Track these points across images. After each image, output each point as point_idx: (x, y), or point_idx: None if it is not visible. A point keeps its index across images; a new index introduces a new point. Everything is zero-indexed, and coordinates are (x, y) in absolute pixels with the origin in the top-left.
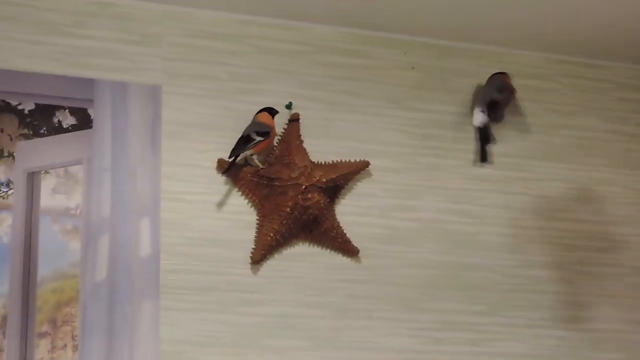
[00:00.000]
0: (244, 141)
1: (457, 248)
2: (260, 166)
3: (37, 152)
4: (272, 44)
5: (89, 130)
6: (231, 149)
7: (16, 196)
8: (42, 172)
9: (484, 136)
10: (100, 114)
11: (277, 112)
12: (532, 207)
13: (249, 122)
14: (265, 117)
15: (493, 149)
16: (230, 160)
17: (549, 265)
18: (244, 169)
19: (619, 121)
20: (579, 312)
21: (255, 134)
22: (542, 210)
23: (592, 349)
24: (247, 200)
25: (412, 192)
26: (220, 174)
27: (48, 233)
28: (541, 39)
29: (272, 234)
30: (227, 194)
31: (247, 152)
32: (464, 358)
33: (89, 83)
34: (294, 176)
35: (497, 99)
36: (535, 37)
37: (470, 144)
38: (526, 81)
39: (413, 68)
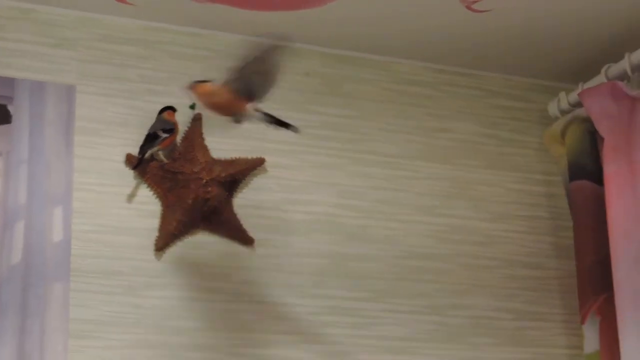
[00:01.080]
0: (151, 138)
1: (345, 240)
2: (165, 161)
3: None
4: (178, 49)
5: (8, 125)
6: (139, 145)
7: None
8: None
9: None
10: (18, 110)
11: (175, 109)
12: (415, 203)
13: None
14: (169, 115)
15: (377, 148)
16: (139, 157)
17: (430, 256)
18: (151, 163)
19: (493, 126)
20: (457, 300)
21: (161, 131)
22: (424, 207)
23: (469, 334)
24: (152, 192)
25: (304, 187)
26: (131, 169)
27: None
28: (422, 50)
29: (174, 224)
30: (134, 186)
31: (154, 149)
32: (348, 341)
33: (9, 82)
34: (195, 171)
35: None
36: (417, 48)
37: (362, 145)
38: (408, 87)
39: (307, 74)
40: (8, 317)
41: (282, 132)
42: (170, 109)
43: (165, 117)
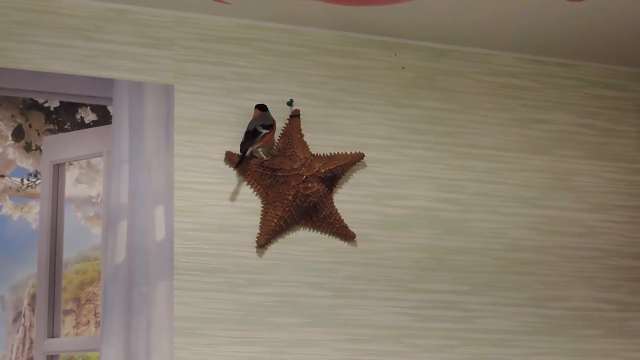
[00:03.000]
0: (252, 135)
1: (445, 233)
2: (265, 158)
3: (61, 145)
4: (274, 46)
5: (108, 125)
6: (239, 143)
7: (43, 186)
8: (67, 163)
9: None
10: (118, 110)
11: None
12: (514, 195)
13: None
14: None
15: (478, 141)
16: (241, 154)
17: (530, 248)
18: (250, 160)
19: (591, 116)
20: (559, 292)
21: (261, 127)
22: (524, 199)
23: (572, 327)
24: (252, 189)
25: (403, 181)
26: (232, 168)
27: (72, 219)
28: (519, 42)
29: (275, 220)
30: (234, 184)
31: (255, 146)
32: (450, 334)
33: (109, 83)
34: (295, 167)
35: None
36: (514, 40)
37: (459, 138)
38: (504, 79)
39: (403, 68)
40: (114, 316)
41: (379, 127)
42: (260, 107)
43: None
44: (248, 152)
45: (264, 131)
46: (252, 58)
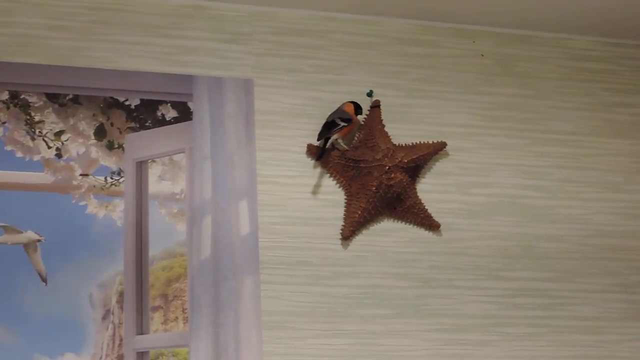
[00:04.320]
0: (329, 126)
1: (529, 220)
2: (346, 148)
3: (143, 143)
4: (351, 38)
5: (189, 122)
6: (317, 134)
7: (127, 184)
8: (149, 161)
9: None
10: (199, 107)
11: (361, 109)
12: (598, 181)
13: (333, 109)
14: (347, 107)
15: (556, 127)
16: (320, 145)
17: (616, 234)
18: (332, 152)
19: None
20: None
21: (339, 120)
22: (608, 184)
23: None
24: (335, 181)
25: (485, 169)
26: (314, 160)
27: (156, 216)
28: (598, 25)
29: (359, 212)
30: (317, 176)
31: (334, 137)
32: (539, 322)
33: (188, 79)
34: (378, 158)
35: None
36: (592, 23)
37: (537, 124)
38: (584, 63)
39: (482, 55)
40: (202, 311)
41: (459, 115)
42: (353, 103)
43: (344, 108)
44: (328, 144)
45: (342, 124)
46: (329, 50)
